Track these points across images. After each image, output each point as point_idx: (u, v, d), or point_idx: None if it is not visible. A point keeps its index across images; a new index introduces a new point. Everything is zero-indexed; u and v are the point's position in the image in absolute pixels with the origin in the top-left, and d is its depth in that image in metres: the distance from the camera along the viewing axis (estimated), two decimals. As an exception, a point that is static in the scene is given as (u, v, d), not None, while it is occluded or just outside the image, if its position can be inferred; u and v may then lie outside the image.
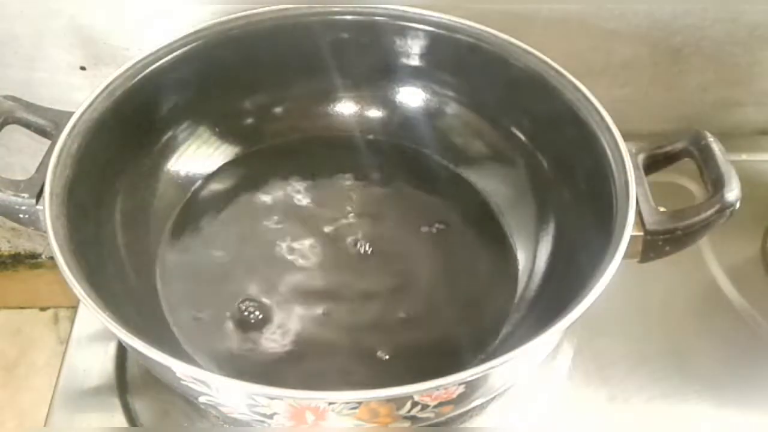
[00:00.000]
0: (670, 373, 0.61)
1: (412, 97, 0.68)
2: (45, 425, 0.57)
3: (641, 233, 0.50)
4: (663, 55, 0.76)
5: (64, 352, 0.61)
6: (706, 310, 0.66)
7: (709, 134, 0.53)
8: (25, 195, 0.51)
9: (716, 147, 0.51)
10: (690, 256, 0.66)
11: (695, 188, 0.69)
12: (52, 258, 1.08)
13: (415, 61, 0.66)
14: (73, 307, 0.64)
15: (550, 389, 0.60)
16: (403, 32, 0.64)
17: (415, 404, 0.45)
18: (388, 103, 0.69)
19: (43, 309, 1.20)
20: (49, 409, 0.58)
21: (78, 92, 0.78)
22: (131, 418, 0.57)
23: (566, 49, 0.61)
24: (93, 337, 0.62)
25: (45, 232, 0.50)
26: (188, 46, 0.60)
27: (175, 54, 0.60)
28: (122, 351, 0.60)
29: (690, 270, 0.68)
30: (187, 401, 0.56)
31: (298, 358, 0.56)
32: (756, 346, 0.63)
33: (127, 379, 0.59)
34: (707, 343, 0.63)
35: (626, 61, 0.75)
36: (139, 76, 0.58)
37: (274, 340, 0.57)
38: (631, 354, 0.62)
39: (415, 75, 0.67)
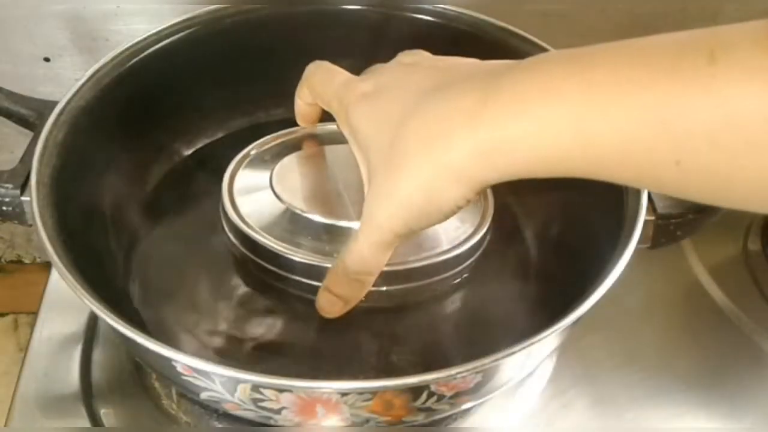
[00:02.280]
0: (656, 372, 0.61)
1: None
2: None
3: (652, 218, 0.50)
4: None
5: (24, 358, 0.59)
6: (690, 309, 0.66)
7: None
8: (9, 186, 0.50)
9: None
10: (673, 255, 0.67)
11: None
12: (11, 262, 1.06)
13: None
14: (33, 313, 0.62)
15: (535, 389, 0.59)
16: (399, 22, 0.63)
17: (431, 395, 0.43)
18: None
19: (2, 315, 1.16)
20: (8, 416, 0.56)
21: (42, 85, 0.76)
22: (96, 424, 0.55)
23: (546, 44, 0.61)
24: (55, 342, 0.60)
25: (30, 224, 0.49)
26: (179, 34, 0.59)
27: (165, 42, 0.59)
28: (87, 355, 0.59)
29: (673, 270, 0.68)
30: (156, 406, 0.55)
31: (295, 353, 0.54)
32: (740, 344, 0.63)
33: (93, 385, 0.57)
34: (692, 343, 0.63)
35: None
36: (128, 65, 0.57)
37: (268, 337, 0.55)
38: (617, 354, 0.62)
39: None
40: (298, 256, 0.52)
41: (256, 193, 0.55)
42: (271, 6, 0.62)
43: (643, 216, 0.48)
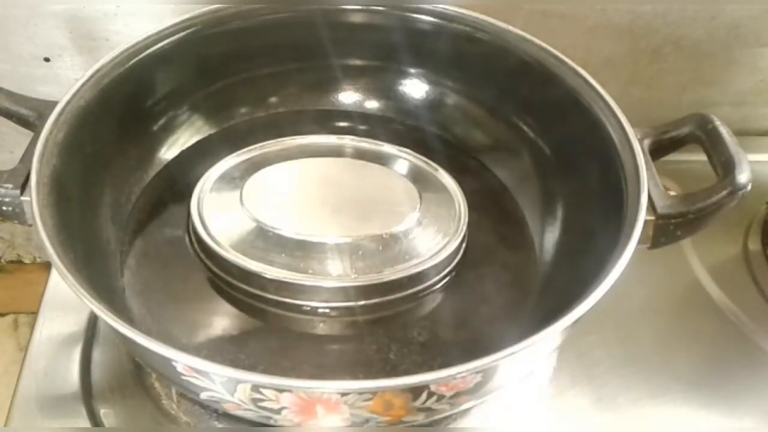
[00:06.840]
0: (656, 372, 0.61)
1: (410, 87, 0.68)
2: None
3: (652, 218, 0.50)
4: (642, 54, 0.77)
5: (24, 358, 0.59)
6: (690, 309, 0.66)
7: (714, 117, 0.53)
8: (9, 186, 0.50)
9: (724, 130, 0.51)
10: (673, 255, 0.67)
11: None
12: (11, 262, 1.06)
13: (413, 52, 0.65)
14: (33, 313, 0.62)
15: (536, 390, 0.59)
16: (400, 22, 0.63)
17: (431, 395, 0.43)
18: (387, 94, 0.68)
19: (2, 315, 1.16)
20: (8, 416, 0.56)
21: (42, 85, 0.76)
22: (96, 424, 0.55)
23: (546, 44, 0.61)
24: (55, 342, 0.60)
25: (30, 224, 0.48)
26: (179, 34, 0.59)
27: (165, 42, 0.59)
28: (87, 355, 0.59)
29: (673, 270, 0.69)
30: (156, 406, 0.55)
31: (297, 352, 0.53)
32: (739, 344, 0.63)
33: (93, 385, 0.57)
34: (692, 343, 0.63)
35: (606, 59, 0.76)
36: (128, 65, 0.57)
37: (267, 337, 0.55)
38: (616, 354, 0.62)
39: (413, 65, 0.66)
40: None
41: (226, 210, 0.57)
42: (271, 6, 0.62)
43: (643, 216, 0.48)
